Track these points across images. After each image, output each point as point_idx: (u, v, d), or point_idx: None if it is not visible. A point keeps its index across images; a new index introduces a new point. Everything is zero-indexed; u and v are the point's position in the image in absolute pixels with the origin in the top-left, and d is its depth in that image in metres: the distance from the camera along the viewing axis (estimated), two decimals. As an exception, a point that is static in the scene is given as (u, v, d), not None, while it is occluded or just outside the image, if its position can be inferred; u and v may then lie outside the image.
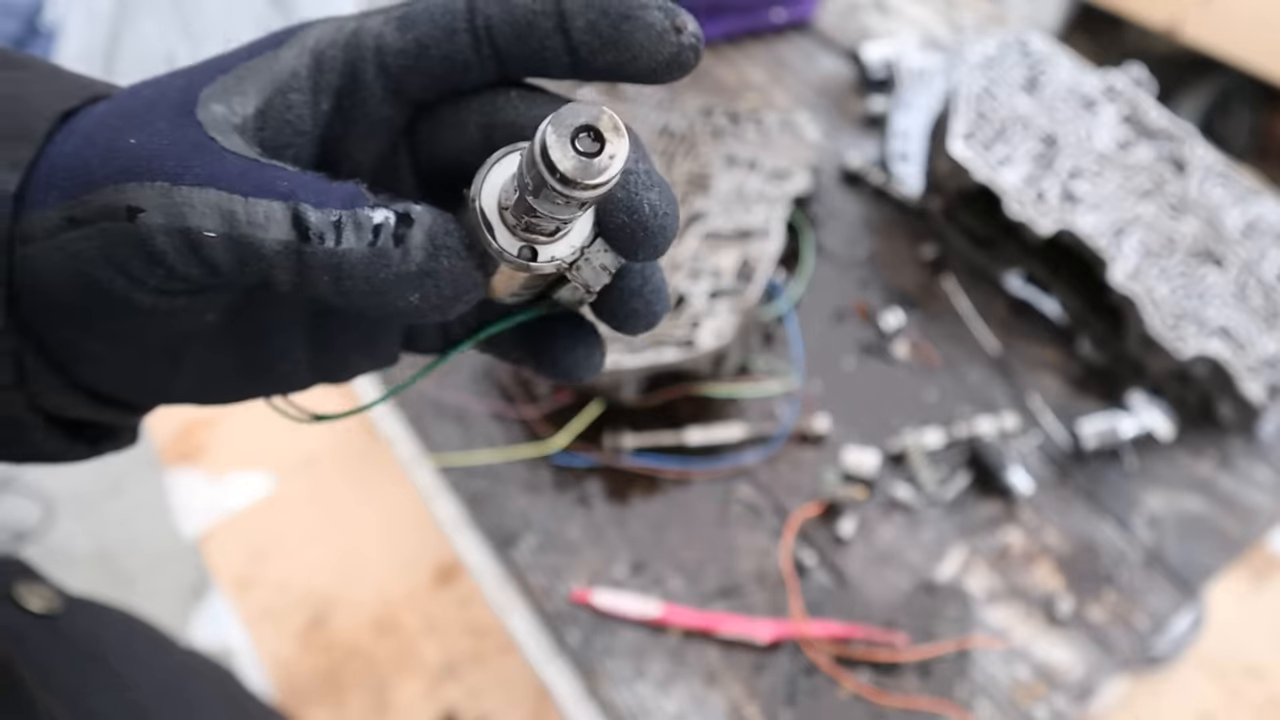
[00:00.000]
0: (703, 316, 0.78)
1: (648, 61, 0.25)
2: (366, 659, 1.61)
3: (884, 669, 0.70)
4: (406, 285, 0.24)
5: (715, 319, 0.77)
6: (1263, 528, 0.78)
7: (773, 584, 0.75)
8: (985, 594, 0.75)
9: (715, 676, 0.72)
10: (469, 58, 0.26)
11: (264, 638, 1.37)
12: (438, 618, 1.82)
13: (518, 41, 0.25)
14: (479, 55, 0.26)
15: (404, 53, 0.26)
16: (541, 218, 0.24)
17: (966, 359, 0.87)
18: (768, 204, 0.85)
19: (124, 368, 0.28)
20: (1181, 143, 0.85)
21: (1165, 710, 0.81)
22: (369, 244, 0.24)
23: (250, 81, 0.26)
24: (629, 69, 0.25)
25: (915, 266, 0.93)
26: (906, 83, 1.00)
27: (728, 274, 0.80)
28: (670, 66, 0.25)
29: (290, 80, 0.26)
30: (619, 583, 0.76)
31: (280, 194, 0.24)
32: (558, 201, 0.23)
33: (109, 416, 0.30)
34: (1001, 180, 0.81)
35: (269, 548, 1.61)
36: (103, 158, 0.25)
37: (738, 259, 0.81)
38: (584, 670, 0.73)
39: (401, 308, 0.25)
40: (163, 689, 0.49)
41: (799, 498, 0.79)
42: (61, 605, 0.45)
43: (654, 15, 0.25)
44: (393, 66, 0.26)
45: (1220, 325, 0.78)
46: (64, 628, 0.44)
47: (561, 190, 0.22)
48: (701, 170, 0.87)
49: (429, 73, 0.26)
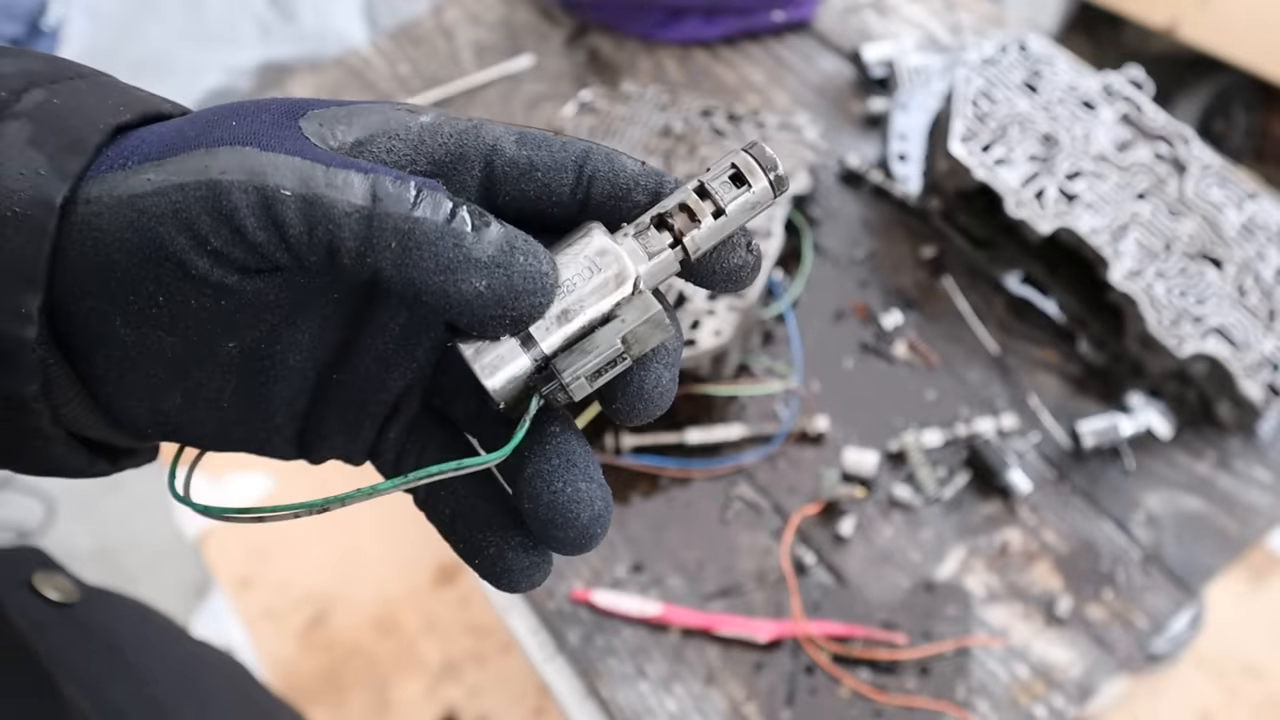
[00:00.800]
0: (702, 316, 0.78)
1: (720, 274, 0.29)
2: (367, 658, 1.62)
3: (883, 668, 0.71)
4: (475, 270, 0.25)
5: (715, 318, 0.78)
6: (1261, 527, 0.78)
7: (772, 583, 0.76)
8: (984, 593, 0.75)
9: (715, 676, 0.72)
10: (564, 194, 0.28)
11: (264, 637, 1.37)
12: (438, 617, 1.82)
13: (609, 199, 0.28)
14: (573, 196, 0.28)
15: (513, 162, 0.28)
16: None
17: (966, 359, 0.87)
18: None
19: (137, 373, 0.28)
20: (1180, 143, 0.85)
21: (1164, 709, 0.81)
22: (444, 219, 0.25)
23: (359, 118, 0.27)
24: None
25: (915, 266, 0.93)
26: (906, 83, 1.01)
27: None
28: (733, 282, 0.29)
29: (399, 130, 0.27)
30: (619, 582, 0.76)
31: (361, 169, 0.25)
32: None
33: (120, 439, 0.30)
34: (1001, 180, 0.82)
35: (269, 547, 1.61)
36: (200, 130, 0.26)
37: None
38: (584, 669, 0.73)
39: (465, 292, 0.25)
40: (178, 681, 0.49)
41: (799, 497, 0.79)
42: (78, 595, 0.45)
43: (743, 255, 0.29)
44: (497, 169, 0.28)
45: (1219, 325, 0.78)
46: (81, 617, 0.44)
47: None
48: (701, 171, 0.87)
49: (524, 190, 0.28)
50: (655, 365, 0.28)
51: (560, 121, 0.95)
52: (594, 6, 1.13)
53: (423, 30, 1.16)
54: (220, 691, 0.56)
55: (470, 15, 1.17)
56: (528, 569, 0.29)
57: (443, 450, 0.32)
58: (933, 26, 1.12)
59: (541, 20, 1.17)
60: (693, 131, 0.91)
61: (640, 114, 0.94)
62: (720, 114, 0.93)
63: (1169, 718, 0.81)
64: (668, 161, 0.89)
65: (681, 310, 0.79)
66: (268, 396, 0.30)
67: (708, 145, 0.89)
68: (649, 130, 0.92)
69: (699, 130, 0.91)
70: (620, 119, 0.94)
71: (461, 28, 1.16)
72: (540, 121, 1.06)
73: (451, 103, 1.08)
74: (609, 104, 0.96)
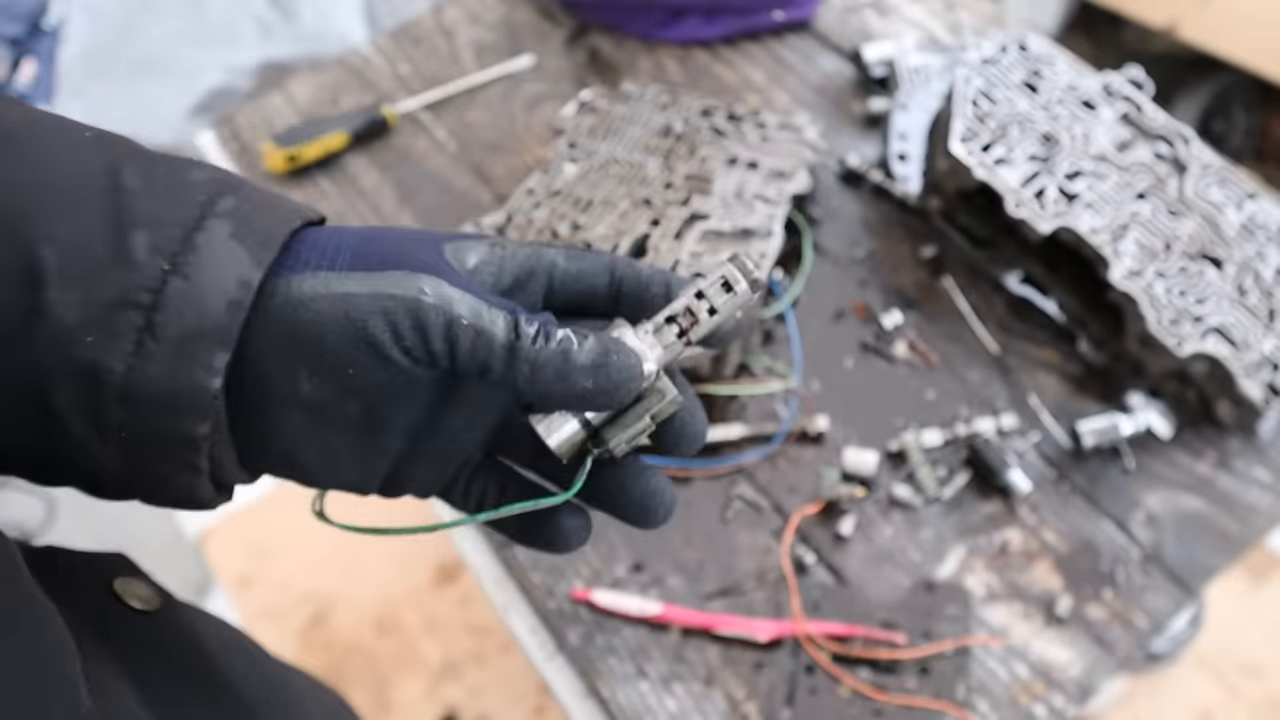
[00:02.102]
0: None
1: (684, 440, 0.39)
2: (367, 657, 1.62)
3: (883, 667, 0.71)
4: (582, 374, 0.35)
5: None
6: (1261, 527, 0.78)
7: (772, 583, 0.76)
8: (984, 593, 0.75)
9: (715, 675, 0.72)
10: (602, 292, 0.39)
11: (264, 636, 1.37)
12: (438, 616, 1.82)
13: (633, 295, 0.39)
14: (608, 293, 0.39)
15: (567, 273, 0.39)
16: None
17: (966, 358, 0.87)
18: (768, 204, 0.85)
19: (295, 423, 0.36)
20: (1180, 143, 0.85)
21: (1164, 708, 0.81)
22: (557, 344, 0.35)
23: (469, 250, 0.38)
24: None
25: (915, 266, 0.93)
26: (906, 83, 1.01)
27: None
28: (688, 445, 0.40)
29: (489, 255, 0.38)
30: (619, 582, 0.76)
31: (505, 308, 0.35)
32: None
33: (240, 478, 0.38)
34: (1000, 180, 0.82)
35: (270, 546, 1.61)
36: (391, 254, 0.35)
37: None
38: (584, 669, 0.73)
39: (579, 391, 0.35)
40: (269, 693, 0.49)
41: (799, 497, 0.79)
42: (160, 603, 0.46)
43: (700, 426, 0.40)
44: (555, 279, 0.39)
45: (1219, 325, 0.78)
46: (163, 626, 0.45)
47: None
48: (702, 171, 0.87)
49: (575, 291, 0.39)
50: (690, 420, 0.39)
51: (560, 121, 0.95)
52: (594, 6, 1.13)
53: (423, 30, 1.16)
54: (316, 712, 0.54)
55: (470, 15, 1.17)
56: (577, 529, 0.40)
57: (500, 486, 0.42)
58: (933, 26, 1.12)
59: (542, 20, 1.17)
60: (693, 131, 0.91)
61: (641, 113, 0.94)
62: (720, 114, 0.93)
63: (1169, 717, 0.81)
64: (667, 161, 0.89)
65: None
66: (379, 450, 0.39)
67: (708, 145, 0.89)
68: (649, 130, 0.92)
69: (699, 130, 0.91)
70: (620, 118, 0.94)
71: (461, 27, 1.16)
72: (540, 121, 1.06)
73: (452, 102, 1.08)
74: (609, 104, 0.96)
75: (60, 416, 0.34)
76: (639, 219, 0.83)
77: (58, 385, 0.33)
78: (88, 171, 0.35)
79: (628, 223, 0.82)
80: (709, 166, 0.88)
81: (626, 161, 0.88)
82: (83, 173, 0.34)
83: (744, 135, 0.91)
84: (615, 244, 0.81)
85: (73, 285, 0.33)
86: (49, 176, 0.34)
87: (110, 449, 0.34)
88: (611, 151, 0.89)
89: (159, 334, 0.33)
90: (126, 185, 0.34)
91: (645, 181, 0.86)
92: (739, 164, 0.88)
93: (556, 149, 0.92)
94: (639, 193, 0.85)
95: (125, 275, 0.33)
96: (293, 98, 1.12)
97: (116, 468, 0.35)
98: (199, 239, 0.34)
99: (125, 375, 0.33)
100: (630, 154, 0.89)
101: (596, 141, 0.92)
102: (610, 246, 0.80)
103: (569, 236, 0.82)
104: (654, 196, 0.85)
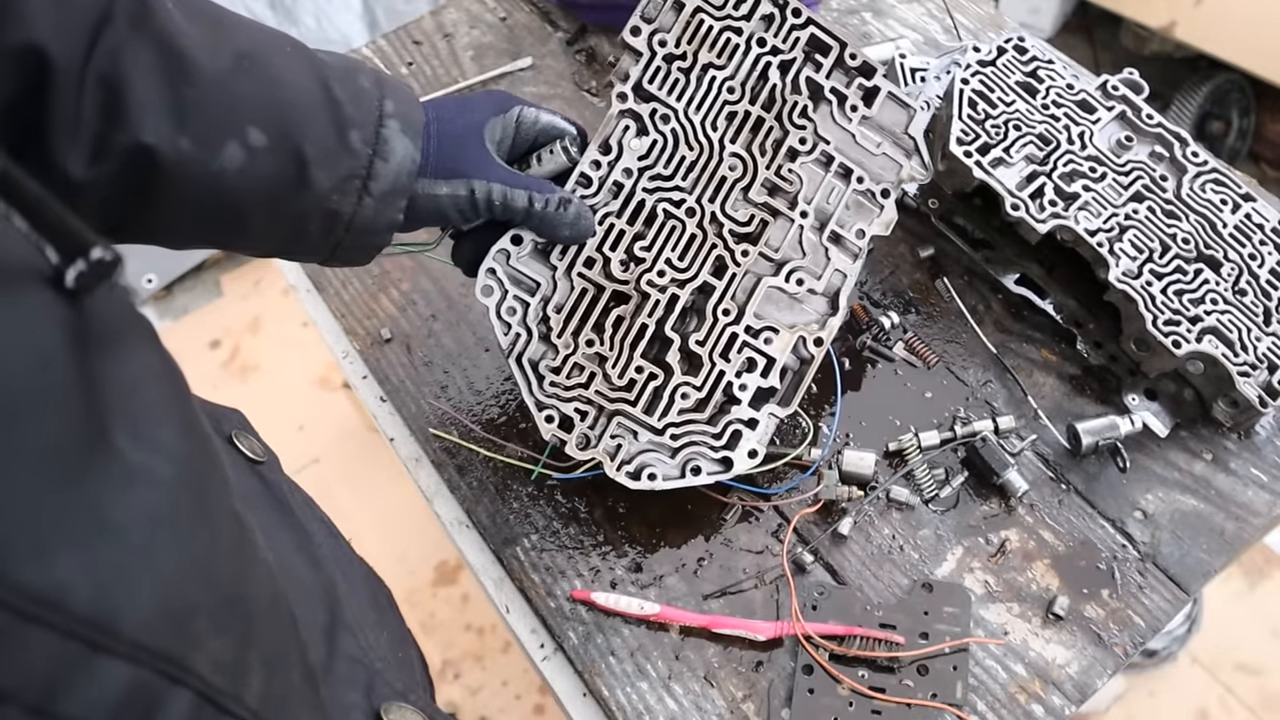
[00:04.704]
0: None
1: None
2: (366, 658, 1.61)
3: (882, 667, 0.71)
4: (563, 226, 0.70)
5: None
6: (1258, 527, 0.79)
7: (771, 583, 0.76)
8: (982, 592, 0.75)
9: (714, 675, 0.72)
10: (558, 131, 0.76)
11: (264, 637, 1.36)
12: (438, 616, 1.82)
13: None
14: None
15: (542, 131, 0.75)
16: None
17: (964, 359, 0.87)
18: (844, 253, 0.76)
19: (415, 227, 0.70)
20: (1176, 144, 0.85)
21: (1161, 707, 0.81)
22: (555, 208, 0.69)
23: (498, 127, 0.71)
24: None
25: (913, 267, 0.93)
26: (904, 84, 1.01)
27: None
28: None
29: (505, 131, 0.72)
30: (619, 582, 0.77)
31: (524, 186, 0.68)
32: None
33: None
34: (998, 181, 0.82)
35: (269, 547, 1.60)
36: (455, 161, 0.67)
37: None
38: (584, 669, 0.73)
39: (563, 235, 0.71)
40: (333, 550, 0.61)
41: (798, 497, 0.80)
42: (266, 457, 0.62)
43: None
44: (538, 137, 0.74)
45: (1215, 325, 0.78)
46: (265, 474, 0.60)
47: None
48: (785, 178, 0.75)
49: (545, 135, 0.75)
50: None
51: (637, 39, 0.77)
52: (594, 7, 1.13)
53: (422, 31, 1.16)
54: (360, 581, 0.63)
55: (470, 16, 1.18)
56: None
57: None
58: (930, 28, 1.12)
59: (541, 21, 1.17)
60: (786, 95, 0.76)
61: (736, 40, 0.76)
62: (830, 61, 0.77)
63: (1166, 716, 0.82)
64: (750, 150, 0.75)
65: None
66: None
67: (799, 121, 0.75)
68: (740, 76, 0.76)
69: (799, 93, 0.76)
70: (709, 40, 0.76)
71: (461, 29, 1.16)
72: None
73: (451, 104, 1.09)
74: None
75: (308, 235, 0.64)
76: (701, 255, 0.73)
77: (312, 219, 0.63)
78: (311, 87, 0.61)
79: (687, 259, 0.72)
80: (795, 171, 0.74)
81: (701, 139, 0.74)
82: (309, 88, 0.61)
83: (847, 111, 0.76)
84: (674, 297, 0.72)
85: (322, 165, 0.61)
86: (291, 95, 0.60)
87: (326, 248, 0.66)
88: (687, 114, 0.74)
89: (371, 191, 0.63)
90: (336, 97, 0.62)
91: (716, 186, 0.74)
92: (833, 168, 0.76)
93: (617, 88, 0.74)
94: (707, 206, 0.73)
95: (351, 160, 0.62)
96: (292, 99, 1.12)
97: (325, 254, 0.67)
98: (384, 133, 0.63)
99: (352, 215, 0.64)
100: (709, 121, 0.74)
101: (670, 92, 0.74)
102: (667, 301, 0.71)
103: (621, 275, 0.72)
104: (723, 219, 0.73)
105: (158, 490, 0.31)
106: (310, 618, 0.51)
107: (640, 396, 0.70)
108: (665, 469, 0.70)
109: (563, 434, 0.70)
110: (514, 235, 0.72)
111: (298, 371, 2.10)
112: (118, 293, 0.31)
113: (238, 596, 0.36)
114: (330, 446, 1.99)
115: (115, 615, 0.29)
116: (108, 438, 0.30)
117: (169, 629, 0.31)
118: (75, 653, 0.27)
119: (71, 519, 0.28)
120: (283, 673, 0.40)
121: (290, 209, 0.61)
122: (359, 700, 0.50)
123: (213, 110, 0.57)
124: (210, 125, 0.57)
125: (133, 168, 0.54)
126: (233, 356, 2.15)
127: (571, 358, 0.70)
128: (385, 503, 1.89)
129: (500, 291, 0.71)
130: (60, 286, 0.29)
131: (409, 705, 0.53)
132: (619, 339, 0.71)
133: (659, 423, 0.70)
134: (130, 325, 0.35)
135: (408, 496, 1.41)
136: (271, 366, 2.12)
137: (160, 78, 0.54)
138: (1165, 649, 1.38)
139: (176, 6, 0.57)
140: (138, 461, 0.31)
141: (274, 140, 0.59)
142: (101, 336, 0.32)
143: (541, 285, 0.72)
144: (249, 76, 0.58)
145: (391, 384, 0.89)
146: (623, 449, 0.70)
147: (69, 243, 0.30)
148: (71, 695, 0.27)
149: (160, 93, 0.54)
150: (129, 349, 0.34)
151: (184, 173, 0.56)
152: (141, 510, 0.30)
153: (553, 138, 0.72)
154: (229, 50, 0.58)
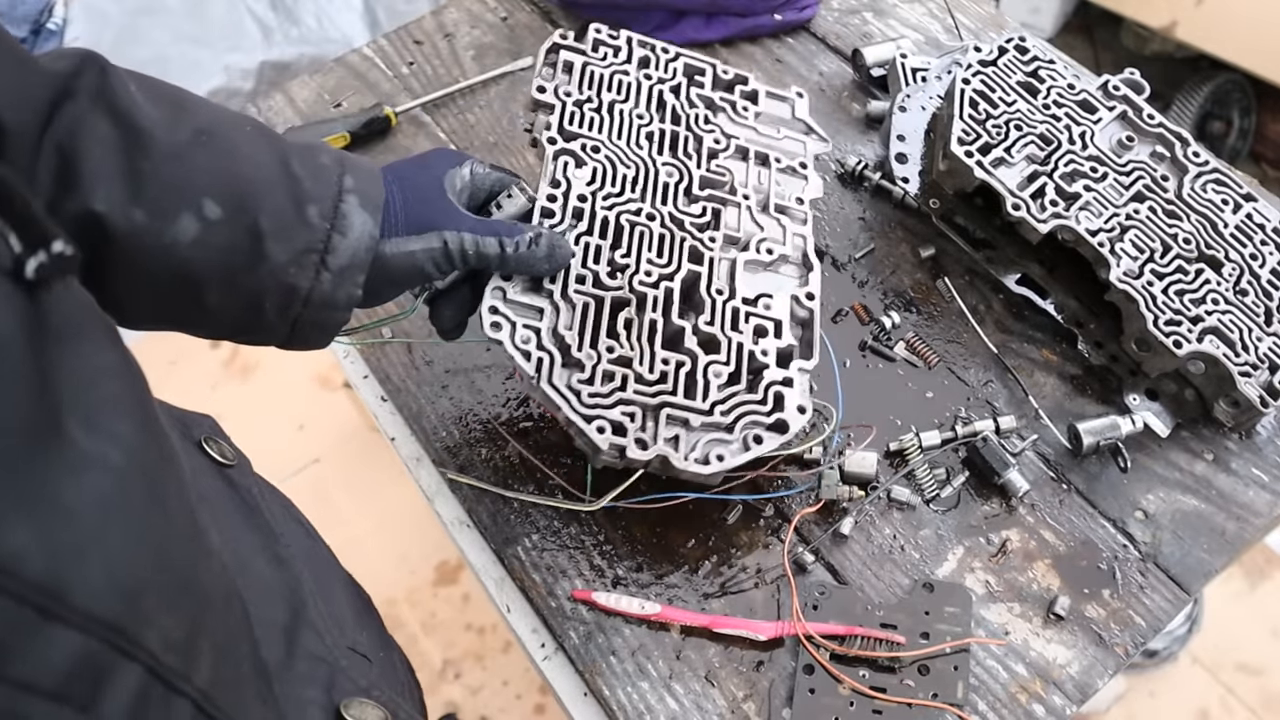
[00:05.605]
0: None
1: None
2: (367, 658, 1.60)
3: (883, 667, 0.71)
4: (540, 261, 0.69)
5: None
6: (1259, 527, 0.79)
7: (772, 583, 0.76)
8: (983, 592, 0.75)
9: (715, 675, 0.72)
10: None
11: (265, 637, 1.37)
12: (438, 616, 1.82)
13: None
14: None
15: (496, 182, 0.75)
16: None
17: (965, 359, 0.87)
18: (792, 221, 0.81)
19: (383, 298, 0.69)
20: (1177, 144, 0.85)
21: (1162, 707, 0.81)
22: (527, 247, 0.68)
23: (456, 179, 0.71)
24: None
25: (914, 266, 0.93)
26: (905, 84, 1.01)
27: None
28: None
29: (465, 182, 0.72)
30: (619, 581, 0.77)
31: (493, 232, 0.67)
32: None
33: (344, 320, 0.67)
34: (999, 180, 0.82)
35: (270, 547, 1.60)
36: (424, 217, 0.67)
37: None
38: (584, 668, 0.73)
39: (540, 270, 0.70)
40: (301, 551, 0.62)
41: (799, 497, 0.80)
42: (236, 459, 0.64)
43: None
44: (490, 186, 0.74)
45: (1216, 325, 0.78)
46: (236, 478, 0.62)
47: None
48: (716, 172, 0.81)
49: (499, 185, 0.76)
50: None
51: (542, 96, 0.92)
52: (594, 8, 1.13)
53: (423, 31, 1.16)
54: (337, 583, 0.65)
55: (471, 16, 1.18)
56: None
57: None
58: (931, 28, 1.12)
59: (542, 21, 1.17)
60: (687, 107, 0.89)
61: (625, 79, 0.84)
62: (708, 78, 0.86)
63: (1167, 716, 0.82)
64: (675, 154, 0.84)
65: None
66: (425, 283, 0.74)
67: (706, 126, 0.86)
68: (642, 102, 0.84)
69: (695, 105, 0.84)
70: (605, 84, 0.90)
71: (462, 29, 1.16)
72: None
73: (452, 103, 1.09)
74: (582, 61, 0.86)
75: (265, 311, 0.62)
76: (675, 249, 0.76)
77: (269, 294, 0.61)
78: (270, 163, 0.61)
79: (665, 255, 0.75)
80: (722, 165, 0.82)
81: (634, 159, 0.79)
82: (268, 163, 0.61)
83: (740, 111, 0.86)
84: (668, 289, 0.74)
85: (278, 239, 0.60)
86: (248, 170, 0.60)
87: (284, 326, 0.63)
88: (613, 141, 0.80)
89: (329, 265, 0.62)
90: (295, 172, 0.61)
91: (662, 192, 0.79)
92: (751, 158, 0.83)
93: (544, 135, 0.79)
94: (662, 209, 0.78)
95: (309, 234, 0.61)
96: (294, 99, 1.12)
97: (284, 336, 0.64)
98: (343, 208, 0.62)
99: (309, 290, 0.62)
100: (633, 142, 0.81)
101: (590, 128, 0.80)
102: (663, 294, 0.73)
103: (613, 283, 0.74)
104: (680, 216, 0.78)
105: (110, 476, 0.33)
106: (269, 616, 0.52)
107: (678, 385, 0.71)
108: (728, 448, 0.70)
109: (619, 440, 0.69)
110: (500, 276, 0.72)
111: (298, 371, 2.10)
112: (77, 290, 0.32)
113: (190, 581, 0.38)
114: (331, 446, 2.00)
115: (66, 584, 0.30)
116: (61, 426, 0.31)
117: (119, 602, 0.32)
118: (27, 618, 0.29)
119: (23, 497, 0.29)
120: (233, 661, 0.42)
121: (246, 283, 0.60)
122: (317, 696, 0.51)
123: (168, 182, 0.57)
124: (164, 196, 0.56)
125: (83, 236, 0.54)
126: (233, 356, 2.15)
127: (599, 367, 0.70)
128: (386, 502, 1.89)
129: (509, 324, 0.70)
130: (20, 279, 0.31)
131: (370, 700, 0.54)
132: (635, 339, 0.72)
133: (705, 404, 0.70)
134: (90, 322, 0.36)
135: (408, 496, 1.41)
136: (272, 366, 2.12)
137: (116, 149, 0.55)
138: (1166, 649, 1.38)
139: (139, 89, 0.58)
140: (91, 449, 0.32)
141: (229, 213, 0.58)
142: (60, 331, 0.33)
143: (545, 311, 0.72)
144: (206, 150, 0.59)
145: (392, 383, 0.89)
146: (681, 440, 0.70)
147: (32, 232, 0.31)
148: (23, 659, 0.29)
149: (115, 163, 0.55)
150: (89, 344, 0.35)
151: (137, 243, 0.56)
152: (93, 494, 0.32)
153: (506, 185, 0.74)
154: (188, 126, 0.58)
